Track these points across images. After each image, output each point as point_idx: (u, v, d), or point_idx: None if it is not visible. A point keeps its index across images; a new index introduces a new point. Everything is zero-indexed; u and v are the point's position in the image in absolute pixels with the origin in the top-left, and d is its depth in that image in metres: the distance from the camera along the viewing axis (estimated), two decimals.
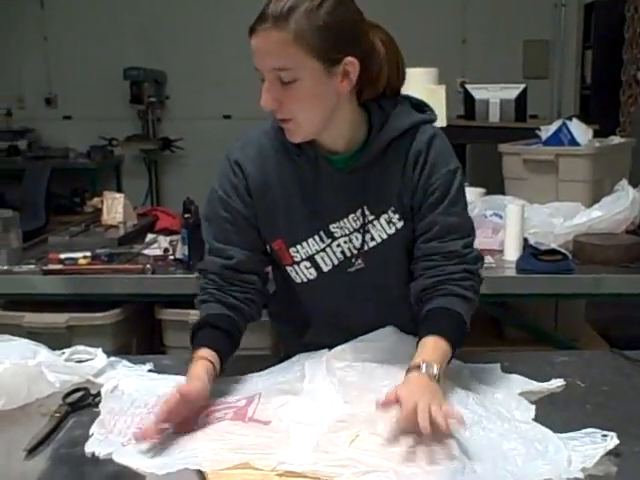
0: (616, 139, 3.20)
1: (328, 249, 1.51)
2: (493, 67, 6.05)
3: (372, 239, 1.51)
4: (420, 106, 1.52)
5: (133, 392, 1.46)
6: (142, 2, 6.36)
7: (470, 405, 1.33)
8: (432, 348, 1.37)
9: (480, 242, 2.63)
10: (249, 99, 1.54)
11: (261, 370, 1.55)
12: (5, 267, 2.54)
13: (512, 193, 3.00)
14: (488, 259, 2.55)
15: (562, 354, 1.72)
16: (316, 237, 1.51)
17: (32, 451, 1.25)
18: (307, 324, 1.64)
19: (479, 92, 4.83)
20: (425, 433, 1.16)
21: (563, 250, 2.50)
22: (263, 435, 1.23)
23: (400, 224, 1.50)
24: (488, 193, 3.08)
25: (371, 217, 1.49)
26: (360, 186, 1.47)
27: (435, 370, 1.31)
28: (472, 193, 3.05)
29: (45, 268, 2.52)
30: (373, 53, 1.40)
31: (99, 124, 6.40)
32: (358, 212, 1.49)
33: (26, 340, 1.54)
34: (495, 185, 3.14)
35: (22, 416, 1.39)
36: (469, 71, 6.27)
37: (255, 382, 1.49)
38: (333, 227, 1.50)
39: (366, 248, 1.51)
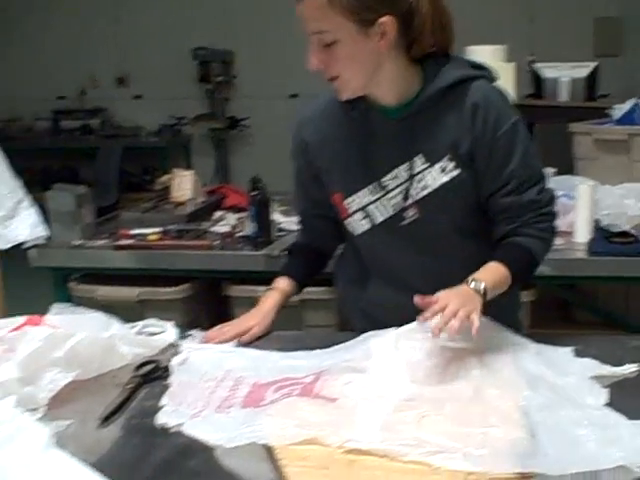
0: None
1: (381, 201, 1.56)
2: (563, 45, 5.88)
3: (425, 187, 1.53)
4: (478, 66, 1.56)
5: (202, 365, 1.49)
6: None
7: (541, 390, 1.31)
8: (489, 270, 1.48)
9: None
10: (315, 78, 1.56)
11: (328, 347, 1.55)
12: (79, 242, 2.61)
13: (583, 174, 2.92)
14: (558, 240, 2.50)
15: (636, 338, 1.68)
16: (370, 187, 1.56)
17: (106, 420, 1.29)
18: (367, 279, 1.68)
19: (548, 71, 4.70)
20: (433, 333, 1.33)
21: (635, 232, 2.43)
22: (330, 412, 1.24)
23: (456, 172, 1.52)
24: (558, 173, 3.00)
25: (425, 165, 1.52)
26: (412, 134, 1.52)
27: (482, 286, 1.42)
28: None
29: (117, 243, 2.57)
30: (413, 11, 1.43)
31: (169, 103, 6.49)
32: (412, 160, 1.52)
33: (100, 313, 1.57)
34: (565, 165, 3.05)
35: (96, 386, 1.43)
36: (538, 49, 6.12)
37: (322, 358, 1.49)
38: (385, 180, 1.55)
39: (419, 197, 1.53)
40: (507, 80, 2.98)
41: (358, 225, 1.59)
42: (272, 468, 1.12)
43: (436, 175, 1.52)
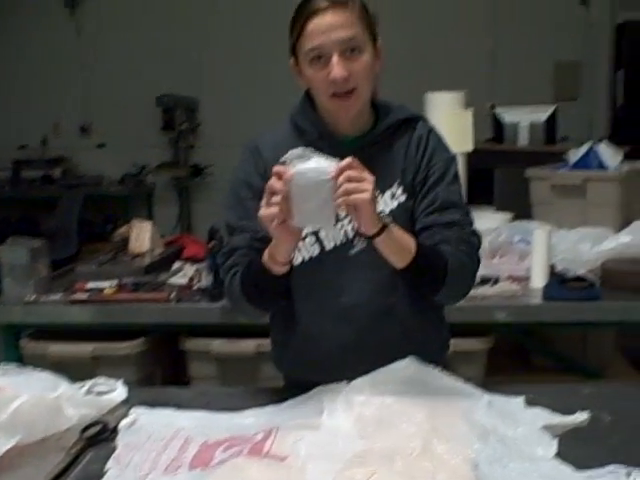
0: None
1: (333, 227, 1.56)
2: (523, 89, 6.01)
3: None
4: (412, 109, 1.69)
5: (151, 427, 1.46)
6: (174, 31, 6.44)
7: (491, 442, 1.30)
8: (404, 232, 1.49)
9: (507, 269, 2.65)
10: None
11: (279, 403, 1.53)
12: (33, 297, 2.56)
13: (540, 218, 2.97)
14: (514, 286, 2.52)
15: (589, 385, 1.69)
16: None
17: None
18: (300, 314, 1.64)
19: (508, 115, 4.78)
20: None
21: (590, 277, 2.46)
22: (278, 471, 1.22)
23: (403, 197, 1.59)
24: (516, 218, 3.04)
25: (376, 193, 1.52)
26: (366, 164, 1.51)
27: (389, 221, 1.45)
28: (498, 218, 3.03)
29: (71, 298, 2.54)
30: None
31: (132, 151, 6.48)
32: None
33: (47, 373, 1.54)
34: (523, 210, 3.10)
35: (40, 450, 1.38)
36: (499, 93, 6.24)
37: (273, 415, 1.48)
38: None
39: None
40: (465, 126, 3.04)
41: (307, 250, 1.58)
42: None
43: (386, 202, 1.58)
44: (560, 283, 2.43)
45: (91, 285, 2.59)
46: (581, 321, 2.47)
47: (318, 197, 1.34)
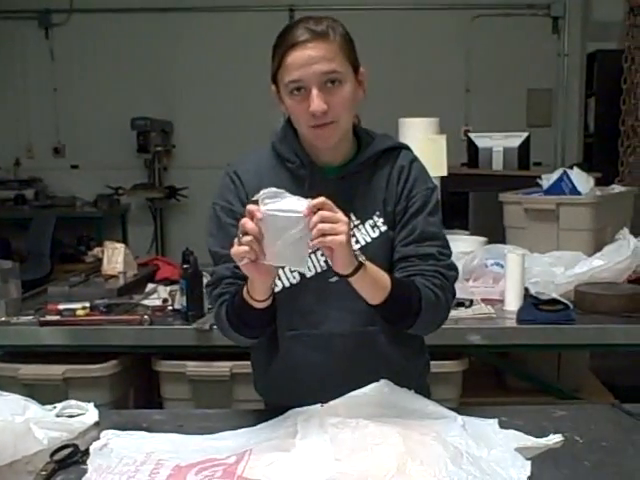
0: (617, 188, 3.19)
1: (313, 256, 1.56)
2: (497, 115, 6.10)
3: (357, 242, 1.57)
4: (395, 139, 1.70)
5: (122, 450, 1.43)
6: (150, 54, 6.47)
7: (464, 465, 1.29)
8: (378, 269, 1.47)
9: (480, 292, 2.66)
10: (254, 146, 1.60)
11: (253, 425, 1.52)
12: (3, 318, 2.53)
13: (513, 242, 2.99)
14: (489, 309, 2.53)
15: (561, 408, 1.69)
16: None
17: None
18: (278, 342, 1.63)
19: (482, 140, 4.84)
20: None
21: (564, 300, 2.48)
22: None
23: (384, 228, 1.59)
24: (490, 242, 3.06)
25: (357, 222, 1.58)
26: (348, 193, 1.57)
27: (363, 259, 1.42)
28: (473, 242, 3.05)
29: (42, 319, 2.50)
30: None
31: (106, 173, 6.47)
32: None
33: (17, 395, 1.51)
34: (497, 234, 3.13)
35: (8, 474, 1.36)
36: (473, 119, 6.32)
37: (247, 438, 1.46)
38: None
39: None
40: (438, 151, 3.06)
41: (287, 277, 1.57)
42: None
43: (366, 231, 1.58)
44: (534, 306, 2.45)
45: (63, 306, 2.56)
46: (555, 344, 2.48)
47: (290, 237, 1.33)
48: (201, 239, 1.76)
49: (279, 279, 1.57)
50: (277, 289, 1.57)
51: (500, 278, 2.66)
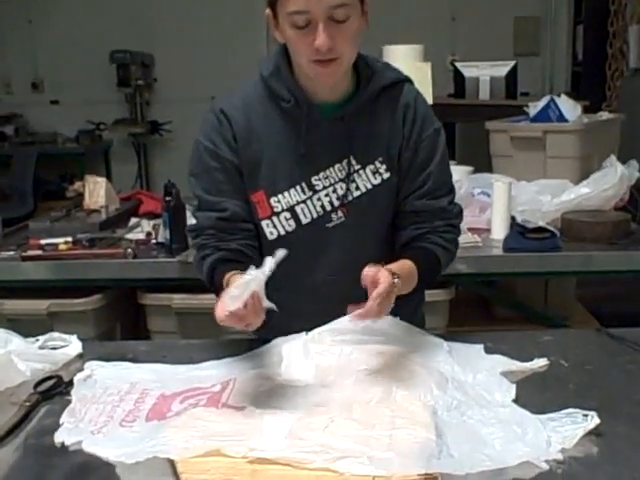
0: (605, 115, 3.16)
1: (309, 201, 1.51)
2: (483, 44, 5.98)
3: (357, 189, 1.51)
4: (397, 69, 1.58)
5: (106, 380, 1.43)
6: None
7: (449, 390, 1.30)
8: (404, 267, 1.44)
9: (467, 221, 2.63)
10: (236, 80, 1.53)
11: (239, 354, 1.51)
12: None
13: (499, 171, 2.97)
14: (475, 238, 2.52)
15: (547, 333, 1.70)
16: (297, 188, 1.51)
17: (0, 441, 1.22)
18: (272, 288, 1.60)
19: (469, 70, 4.77)
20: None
21: (551, 228, 2.47)
22: (236, 421, 1.20)
23: (386, 175, 1.52)
24: (476, 171, 3.04)
25: (357, 167, 1.51)
26: (348, 135, 1.49)
27: (397, 281, 1.35)
28: (459, 171, 3.01)
29: (25, 254, 2.48)
30: None
31: (87, 108, 6.34)
32: (344, 162, 1.50)
33: None
34: (484, 164, 3.10)
35: None
36: (459, 49, 6.21)
37: (232, 367, 1.46)
38: (315, 179, 1.51)
39: (350, 198, 1.51)
40: (423, 79, 3.00)
41: (282, 225, 1.52)
42: None
43: (367, 177, 1.51)
44: (521, 234, 2.44)
45: (45, 241, 2.53)
46: (541, 271, 2.49)
47: None
48: (185, 174, 1.72)
49: (274, 227, 1.53)
50: (272, 237, 1.53)
51: (487, 207, 2.65)
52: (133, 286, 2.58)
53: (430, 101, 3.00)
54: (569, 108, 3.03)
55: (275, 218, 1.52)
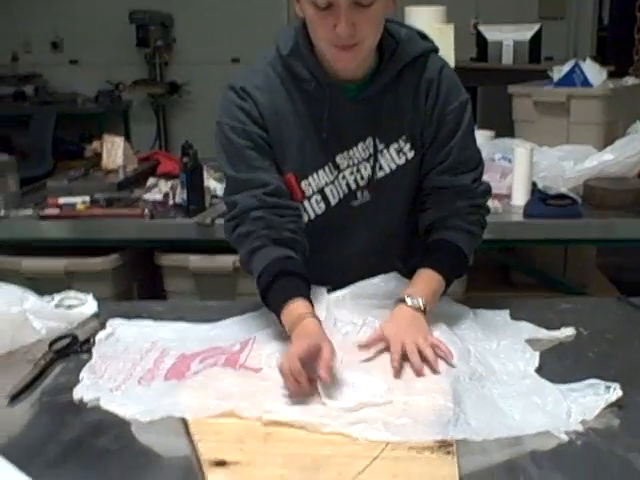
0: (630, 80, 3.08)
1: (336, 181, 1.48)
2: (507, 7, 5.87)
3: (381, 169, 1.48)
4: (423, 35, 1.50)
5: (128, 338, 1.44)
6: None
7: (472, 362, 1.28)
8: (423, 281, 1.40)
9: None
10: (257, 42, 1.48)
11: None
12: (2, 212, 2.50)
13: (521, 136, 2.91)
14: (495, 203, 2.48)
15: (567, 301, 1.68)
16: (326, 168, 1.47)
17: (15, 398, 1.22)
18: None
19: (492, 33, 4.69)
20: (420, 374, 1.19)
21: (572, 195, 2.43)
22: (252, 383, 1.20)
23: (411, 154, 1.48)
24: (498, 136, 2.99)
25: (381, 146, 1.46)
26: (371, 114, 1.44)
27: (420, 303, 1.33)
28: (481, 136, 2.95)
29: (42, 213, 2.48)
30: None
31: (106, 68, 6.31)
32: (368, 141, 1.46)
33: (14, 286, 1.49)
34: (505, 129, 3.05)
35: (7, 363, 1.36)
36: (483, 11, 6.09)
37: (252, 324, 1.45)
38: (340, 158, 1.47)
39: (374, 178, 1.48)
40: (446, 42, 2.94)
41: (313, 209, 1.49)
42: (187, 443, 1.07)
43: (391, 157, 1.47)
44: (542, 201, 2.40)
45: (63, 200, 2.53)
46: (562, 239, 2.45)
47: None
48: (205, 134, 1.69)
49: (305, 211, 1.48)
50: (304, 221, 1.49)
51: (508, 173, 2.60)
52: (150, 247, 2.57)
53: (452, 64, 2.95)
54: (594, 73, 2.96)
55: (306, 202, 1.48)
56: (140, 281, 2.64)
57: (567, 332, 1.43)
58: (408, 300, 1.33)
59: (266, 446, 1.05)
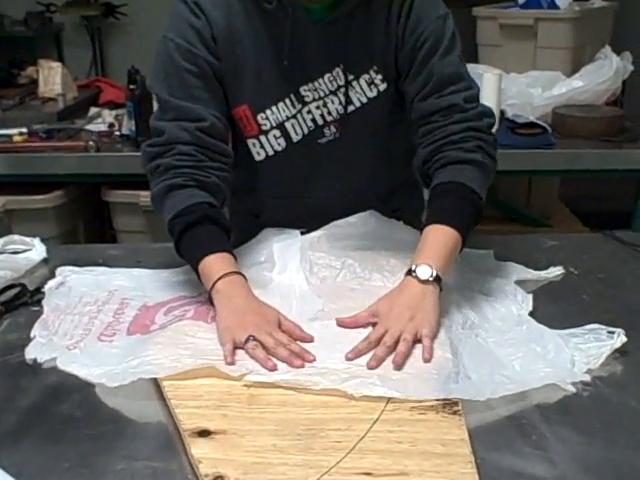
0: (597, 2, 2.98)
1: (299, 116, 1.33)
2: None
3: (350, 102, 1.33)
4: None
5: (81, 287, 1.31)
6: None
7: (464, 309, 1.18)
8: (430, 242, 1.18)
9: None
10: None
11: None
12: None
13: (487, 62, 2.81)
14: None
15: (551, 237, 1.61)
16: (287, 101, 1.32)
17: None
18: (262, 209, 1.47)
19: None
20: (397, 365, 1.01)
21: (542, 123, 2.35)
22: None
23: (383, 86, 1.32)
24: None
25: (350, 77, 1.31)
26: (339, 41, 1.29)
27: (430, 274, 1.12)
28: None
29: None
30: None
31: None
32: (335, 71, 1.31)
33: None
34: (469, 53, 2.92)
35: None
36: None
37: None
38: (304, 90, 1.32)
39: (343, 112, 1.33)
40: None
41: (271, 145, 1.35)
42: (161, 407, 0.96)
43: (361, 90, 1.32)
44: (511, 130, 2.31)
45: None
46: (531, 170, 2.37)
47: None
48: (145, 60, 1.51)
49: (262, 148, 1.35)
50: (260, 158, 1.36)
51: None
52: (96, 182, 2.44)
53: None
54: None
55: (263, 137, 1.34)
56: (86, 219, 2.51)
57: (556, 271, 1.36)
58: (416, 270, 1.13)
59: (251, 411, 0.94)
